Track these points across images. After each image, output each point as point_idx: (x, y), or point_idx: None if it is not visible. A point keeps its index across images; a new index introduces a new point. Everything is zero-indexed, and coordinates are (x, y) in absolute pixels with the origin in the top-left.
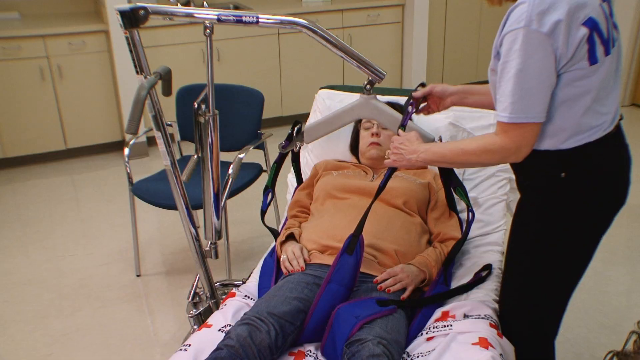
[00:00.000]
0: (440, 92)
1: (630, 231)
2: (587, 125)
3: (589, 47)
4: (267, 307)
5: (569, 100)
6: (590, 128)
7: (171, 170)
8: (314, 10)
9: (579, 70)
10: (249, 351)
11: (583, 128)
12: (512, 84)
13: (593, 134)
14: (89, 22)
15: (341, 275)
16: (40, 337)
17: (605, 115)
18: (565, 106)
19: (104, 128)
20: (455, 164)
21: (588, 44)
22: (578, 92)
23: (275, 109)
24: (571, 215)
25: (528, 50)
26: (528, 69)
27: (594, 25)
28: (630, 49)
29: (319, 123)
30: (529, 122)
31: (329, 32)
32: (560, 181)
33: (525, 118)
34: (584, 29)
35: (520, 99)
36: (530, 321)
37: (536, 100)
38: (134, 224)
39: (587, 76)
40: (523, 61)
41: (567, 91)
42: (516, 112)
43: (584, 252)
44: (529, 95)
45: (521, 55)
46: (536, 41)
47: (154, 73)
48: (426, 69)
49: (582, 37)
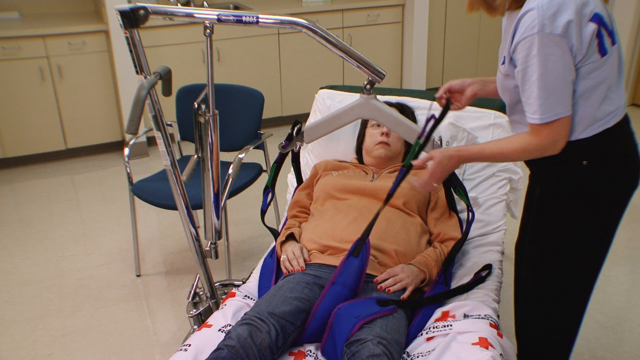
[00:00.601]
0: (459, 84)
1: (630, 231)
2: (604, 112)
3: (599, 40)
4: (268, 307)
5: (587, 93)
6: (607, 115)
7: (171, 170)
8: (314, 10)
9: (592, 63)
10: (249, 351)
11: (601, 116)
12: (537, 87)
13: (610, 120)
14: (89, 22)
15: (345, 277)
16: (40, 337)
17: (618, 100)
18: (583, 98)
19: (104, 128)
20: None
21: (597, 38)
22: (593, 83)
23: (275, 109)
24: (595, 201)
25: (546, 54)
26: (549, 71)
27: (600, 20)
28: (630, 49)
29: (319, 123)
30: (559, 118)
31: (329, 32)
32: (582, 169)
33: (555, 115)
34: (592, 24)
35: (547, 100)
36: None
37: (562, 97)
38: (134, 224)
39: (599, 67)
40: (543, 64)
41: (584, 84)
42: (546, 113)
43: (607, 236)
44: (555, 95)
45: (540, 59)
46: (552, 43)
47: (154, 73)
48: (426, 69)
49: (592, 32)
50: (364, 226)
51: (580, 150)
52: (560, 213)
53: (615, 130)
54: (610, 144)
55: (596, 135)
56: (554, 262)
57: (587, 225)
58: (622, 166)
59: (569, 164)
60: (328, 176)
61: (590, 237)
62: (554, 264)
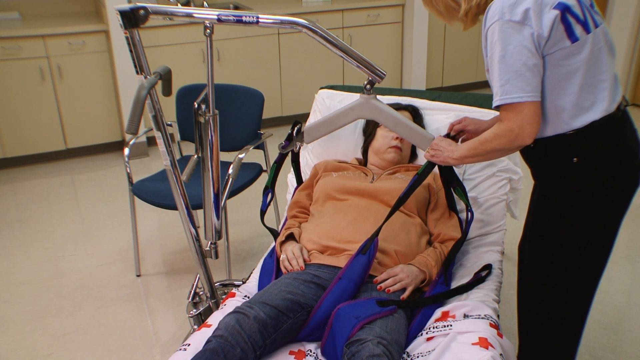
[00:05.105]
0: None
1: (630, 231)
2: (586, 100)
3: (565, 26)
4: (260, 298)
5: (563, 80)
6: (590, 104)
7: (171, 170)
8: (314, 10)
9: (562, 50)
10: (238, 338)
11: (584, 104)
12: (498, 69)
13: (596, 111)
14: (89, 22)
15: (352, 272)
16: (40, 337)
17: (602, 90)
18: (560, 87)
19: (104, 128)
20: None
21: (563, 24)
22: (568, 70)
23: (275, 109)
24: (591, 200)
25: (505, 38)
26: (509, 54)
27: (565, 8)
28: (630, 49)
29: (319, 123)
30: (522, 101)
31: (329, 32)
32: (574, 167)
33: (516, 98)
34: (555, 11)
35: (508, 82)
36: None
37: (523, 80)
38: (134, 224)
39: (572, 54)
40: (503, 47)
41: (557, 72)
42: (506, 94)
43: (608, 237)
44: (516, 77)
45: (500, 43)
46: (511, 29)
47: (154, 73)
48: (426, 69)
49: (554, 18)
50: (363, 226)
51: (568, 146)
52: (558, 212)
53: (605, 125)
54: (600, 140)
55: (584, 128)
56: (555, 262)
57: (586, 225)
58: (614, 166)
59: (560, 162)
60: (328, 177)
61: (590, 238)
62: (555, 264)
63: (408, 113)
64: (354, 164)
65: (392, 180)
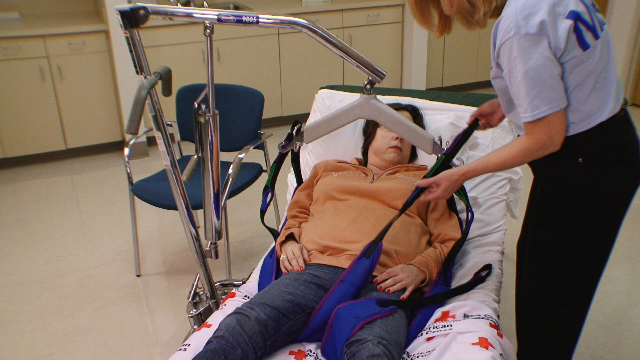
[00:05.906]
0: (489, 106)
1: (630, 231)
2: (596, 103)
3: (577, 35)
4: (261, 299)
5: (577, 87)
6: (598, 107)
7: (171, 170)
8: (314, 10)
9: (574, 58)
10: (239, 339)
11: (594, 107)
12: (524, 86)
13: (602, 113)
14: (89, 22)
15: (354, 276)
16: (40, 337)
17: (609, 91)
18: (574, 94)
19: (104, 128)
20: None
21: (575, 33)
22: (581, 77)
23: (275, 109)
24: (594, 200)
25: (526, 53)
26: (532, 68)
27: (576, 16)
28: (630, 49)
29: (319, 123)
30: (551, 112)
31: (329, 32)
32: (579, 167)
33: (545, 111)
34: (568, 21)
35: (536, 96)
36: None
37: (550, 92)
38: (134, 224)
39: (584, 61)
40: (525, 63)
41: (571, 79)
42: (536, 109)
43: (609, 237)
44: (544, 89)
45: (522, 59)
46: (529, 42)
47: (154, 73)
48: (426, 69)
49: (568, 28)
50: (363, 227)
51: (574, 147)
52: (560, 213)
53: (609, 125)
54: (604, 140)
55: (590, 130)
56: (555, 262)
57: (587, 225)
58: (620, 165)
59: (565, 162)
60: (328, 177)
61: (591, 238)
62: (555, 264)
63: (408, 113)
64: (354, 164)
65: (392, 180)
